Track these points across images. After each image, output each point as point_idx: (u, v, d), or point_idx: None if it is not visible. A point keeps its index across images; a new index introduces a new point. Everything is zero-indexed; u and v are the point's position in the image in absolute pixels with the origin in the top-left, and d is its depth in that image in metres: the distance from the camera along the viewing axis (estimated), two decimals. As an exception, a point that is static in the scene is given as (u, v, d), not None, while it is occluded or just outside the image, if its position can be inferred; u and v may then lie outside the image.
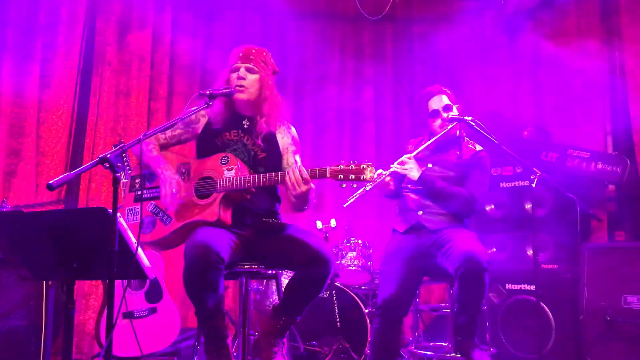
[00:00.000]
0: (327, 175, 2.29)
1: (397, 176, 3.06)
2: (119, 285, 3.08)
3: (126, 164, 3.45)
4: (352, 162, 2.28)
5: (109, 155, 1.85)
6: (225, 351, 2.35)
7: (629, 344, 3.14)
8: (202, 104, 2.42)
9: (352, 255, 3.84)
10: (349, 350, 3.45)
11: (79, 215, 2.04)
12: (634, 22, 3.95)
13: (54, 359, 3.55)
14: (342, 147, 4.95)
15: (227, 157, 2.49)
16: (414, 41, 5.10)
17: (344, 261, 3.83)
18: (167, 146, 2.70)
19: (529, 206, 3.68)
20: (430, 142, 3.03)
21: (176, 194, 2.43)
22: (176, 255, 4.27)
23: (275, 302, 3.52)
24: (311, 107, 4.98)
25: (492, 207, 3.91)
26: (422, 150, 3.04)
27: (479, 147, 3.10)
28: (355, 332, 3.51)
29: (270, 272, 2.64)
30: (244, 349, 2.46)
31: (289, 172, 2.32)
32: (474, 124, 2.91)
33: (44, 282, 3.06)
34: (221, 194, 2.42)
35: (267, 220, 2.63)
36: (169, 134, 2.67)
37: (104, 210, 1.83)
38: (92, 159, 3.66)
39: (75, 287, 2.03)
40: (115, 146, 3.14)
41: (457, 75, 4.56)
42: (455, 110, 3.07)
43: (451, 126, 3.01)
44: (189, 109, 2.40)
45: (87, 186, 4.16)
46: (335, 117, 4.97)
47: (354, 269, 3.82)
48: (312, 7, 5.06)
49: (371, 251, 3.94)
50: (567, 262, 3.54)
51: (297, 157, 2.69)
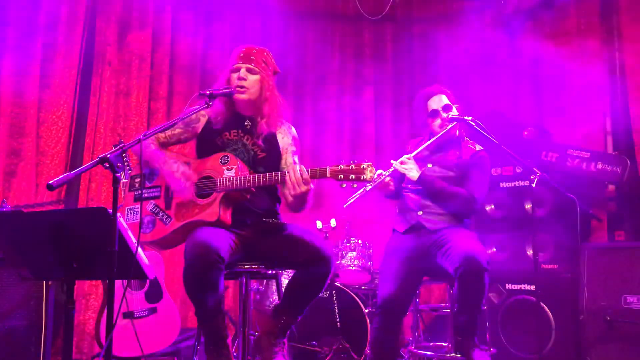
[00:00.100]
0: (328, 175, 2.29)
1: (397, 176, 3.06)
2: (119, 285, 3.07)
3: (126, 163, 3.45)
4: (352, 162, 2.27)
5: (109, 155, 1.85)
6: (225, 351, 2.35)
7: (629, 344, 3.14)
8: (202, 104, 2.42)
9: (352, 255, 3.84)
10: (349, 350, 3.45)
11: (79, 215, 2.04)
12: (634, 21, 3.95)
13: (54, 359, 3.56)
14: (342, 147, 4.94)
15: (227, 157, 2.49)
16: (414, 41, 5.10)
17: (344, 261, 3.83)
18: (166, 145, 2.69)
19: (529, 206, 3.68)
20: (429, 142, 3.03)
21: (186, 182, 2.43)
22: (176, 255, 4.29)
23: (275, 302, 3.53)
24: (311, 107, 4.98)
25: (492, 207, 3.91)
26: (421, 150, 3.03)
27: (478, 147, 3.10)
28: (355, 332, 3.50)
29: (270, 272, 2.64)
30: (244, 349, 2.46)
31: (290, 172, 2.32)
32: (473, 124, 2.91)
33: (44, 282, 3.06)
34: (221, 194, 2.42)
35: (267, 220, 2.62)
36: (169, 134, 2.67)
37: (104, 210, 1.83)
38: (92, 159, 3.66)
39: (75, 287, 2.03)
40: (115, 146, 3.14)
41: (457, 75, 4.56)
42: (454, 110, 3.07)
43: (451, 126, 3.01)
44: (189, 108, 2.40)
45: (87, 186, 4.16)
46: (335, 117, 4.97)
47: (354, 269, 3.81)
48: (312, 7, 5.05)
49: (371, 251, 3.94)
50: (567, 262, 3.54)
51: (296, 158, 2.68)
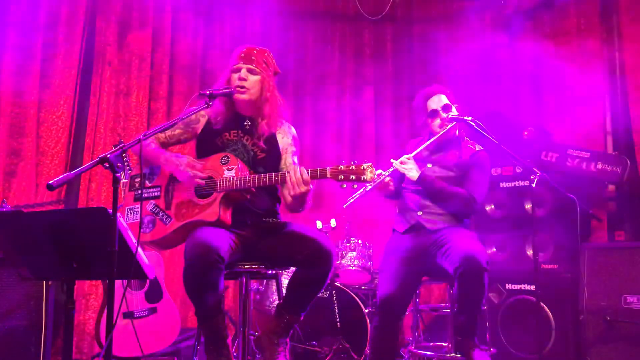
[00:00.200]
0: (328, 175, 2.29)
1: (397, 176, 3.06)
2: (119, 285, 3.07)
3: (126, 163, 3.45)
4: (352, 163, 2.28)
5: (109, 155, 1.85)
6: (225, 351, 2.36)
7: (629, 344, 3.14)
8: (202, 104, 2.42)
9: (352, 255, 3.84)
10: (349, 350, 3.45)
11: (79, 215, 2.04)
12: (634, 21, 3.95)
13: (54, 359, 3.56)
14: (342, 147, 4.94)
15: (227, 157, 2.49)
16: (414, 41, 5.10)
17: (344, 261, 3.83)
18: (166, 145, 2.69)
19: (529, 206, 3.68)
20: (429, 142, 3.03)
21: (193, 172, 2.44)
22: (176, 255, 4.29)
23: (275, 302, 3.53)
24: (311, 107, 4.98)
25: (492, 207, 3.91)
26: (421, 150, 3.03)
27: (478, 147, 3.10)
28: (355, 332, 3.50)
29: (270, 272, 2.64)
30: (244, 349, 2.46)
31: (290, 172, 2.32)
32: (473, 124, 2.91)
33: (44, 282, 3.06)
34: (221, 194, 2.42)
35: (267, 220, 2.63)
36: (169, 134, 2.67)
37: (104, 210, 1.83)
38: (92, 159, 3.66)
39: (75, 287, 2.03)
40: (115, 146, 3.14)
41: (457, 75, 4.56)
42: (454, 110, 3.06)
43: (450, 126, 3.01)
44: (189, 109, 2.40)
45: (87, 186, 4.16)
46: (335, 117, 4.97)
47: (354, 269, 3.81)
48: (312, 7, 5.05)
49: (371, 251, 3.94)
50: (567, 262, 3.54)
51: (296, 158, 2.68)
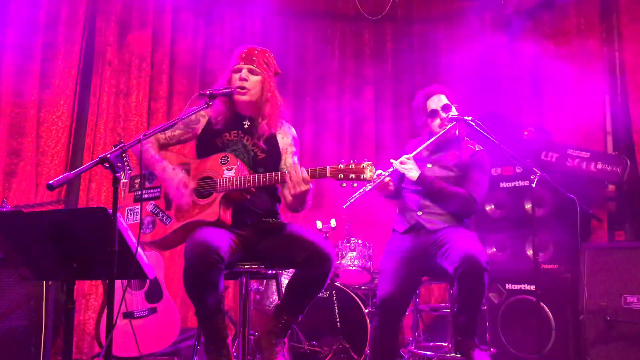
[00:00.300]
0: (328, 174, 2.30)
1: (397, 176, 3.06)
2: (119, 285, 3.07)
3: (126, 164, 3.45)
4: (352, 162, 2.28)
5: (109, 155, 1.85)
6: (225, 351, 2.36)
7: (629, 344, 3.14)
8: (202, 104, 2.41)
9: (352, 255, 3.84)
10: (349, 350, 3.45)
11: (79, 215, 2.04)
12: (634, 21, 3.95)
13: (54, 359, 3.56)
14: (342, 147, 4.94)
15: (227, 157, 2.49)
16: (414, 41, 5.10)
17: (344, 261, 3.83)
18: (167, 146, 2.69)
19: (529, 206, 3.68)
20: (429, 142, 3.02)
21: (184, 191, 2.44)
22: (176, 255, 4.29)
23: (275, 302, 3.53)
24: (311, 107, 4.98)
25: (492, 207, 3.91)
26: (421, 150, 3.03)
27: (478, 147, 3.10)
28: (355, 332, 3.50)
29: (270, 272, 2.64)
30: (244, 349, 2.46)
31: (291, 171, 2.32)
32: (473, 124, 2.91)
33: (44, 282, 3.06)
34: (221, 194, 2.42)
35: (267, 220, 2.62)
36: (169, 134, 2.66)
37: (104, 210, 1.83)
38: (92, 159, 3.66)
39: (75, 287, 2.03)
40: (115, 146, 3.14)
41: (457, 75, 4.56)
42: (454, 109, 3.06)
43: (450, 126, 3.00)
44: (189, 109, 2.39)
45: (87, 186, 4.16)
46: (335, 117, 4.97)
47: (354, 269, 3.81)
48: (312, 7, 5.05)
49: (371, 251, 3.94)
50: (567, 262, 3.54)
51: (296, 158, 2.68)
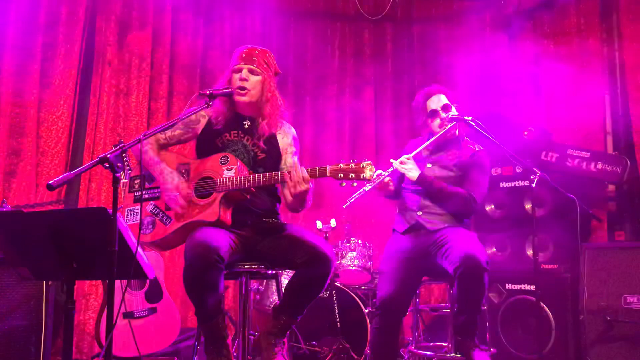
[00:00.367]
0: (327, 174, 2.30)
1: (397, 176, 3.06)
2: (119, 285, 3.07)
3: (126, 164, 3.45)
4: (351, 161, 2.28)
5: (109, 155, 1.85)
6: (225, 351, 2.36)
7: (629, 344, 3.14)
8: (202, 104, 2.41)
9: (352, 255, 3.84)
10: (349, 350, 3.45)
11: (79, 215, 2.04)
12: (634, 21, 3.95)
13: (53, 359, 3.56)
14: (342, 147, 4.94)
15: (227, 157, 2.49)
16: (414, 41, 5.10)
17: (344, 261, 3.83)
18: (167, 146, 2.69)
19: (529, 206, 3.68)
20: (429, 142, 3.03)
21: (179, 198, 2.44)
22: (176, 255, 4.29)
23: (275, 302, 3.52)
24: (311, 107, 4.98)
25: (492, 207, 3.91)
26: (421, 150, 3.03)
27: (478, 147, 3.10)
28: (355, 332, 3.50)
29: (270, 272, 2.64)
30: (244, 349, 2.46)
31: (291, 171, 2.33)
32: (473, 124, 2.91)
33: (44, 282, 3.06)
34: (221, 194, 2.42)
35: (267, 220, 2.62)
36: (168, 134, 2.66)
37: (104, 210, 1.83)
38: (92, 159, 3.66)
39: (75, 287, 2.03)
40: (115, 146, 3.13)
41: (457, 75, 4.56)
42: (454, 109, 3.07)
43: (450, 126, 3.01)
44: (189, 109, 2.39)
45: (87, 186, 4.16)
46: (335, 117, 4.97)
47: (354, 269, 3.81)
48: (312, 7, 5.05)
49: (371, 251, 3.94)
50: (567, 262, 3.54)
51: (296, 158, 2.69)
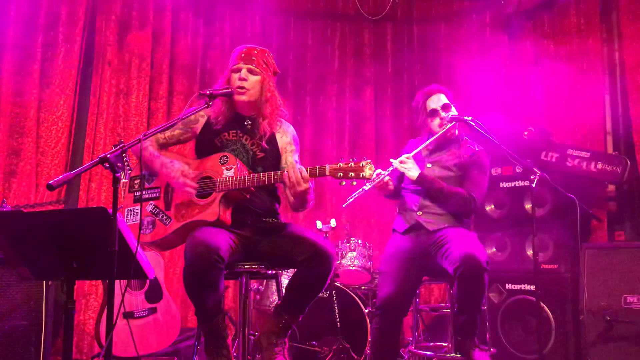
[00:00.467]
0: (327, 173, 2.30)
1: (396, 176, 3.06)
2: (119, 285, 3.07)
3: (126, 164, 3.45)
4: (351, 160, 2.28)
5: (109, 155, 1.85)
6: (225, 351, 2.36)
7: (629, 344, 3.14)
8: (202, 104, 2.42)
9: (352, 255, 3.84)
10: (349, 350, 3.45)
11: (79, 215, 2.04)
12: (634, 21, 3.95)
13: (54, 359, 3.56)
14: (342, 146, 4.94)
15: (226, 157, 2.49)
16: (414, 41, 5.10)
17: (344, 261, 3.83)
18: (166, 146, 2.69)
19: (529, 206, 3.68)
20: (429, 142, 3.03)
21: (188, 180, 2.44)
22: (176, 255, 4.29)
23: (275, 302, 3.53)
24: (311, 107, 4.99)
25: (492, 207, 3.91)
26: (421, 149, 3.03)
27: (478, 147, 3.10)
28: (355, 332, 3.50)
29: (270, 272, 2.64)
30: (244, 349, 2.46)
31: (289, 171, 2.32)
32: (473, 124, 2.91)
33: (44, 282, 3.06)
34: (221, 194, 2.42)
35: (267, 220, 2.62)
36: (168, 134, 2.67)
37: (104, 210, 1.83)
38: (92, 159, 3.67)
39: (75, 287, 2.03)
40: (115, 146, 3.14)
41: (457, 75, 4.56)
42: (453, 109, 3.07)
43: (450, 125, 3.01)
44: (189, 109, 2.39)
45: (87, 186, 4.16)
46: (335, 117, 4.97)
47: (354, 269, 3.81)
48: (312, 7, 5.06)
49: (371, 251, 3.94)
50: (567, 262, 3.54)
51: (296, 157, 2.69)
